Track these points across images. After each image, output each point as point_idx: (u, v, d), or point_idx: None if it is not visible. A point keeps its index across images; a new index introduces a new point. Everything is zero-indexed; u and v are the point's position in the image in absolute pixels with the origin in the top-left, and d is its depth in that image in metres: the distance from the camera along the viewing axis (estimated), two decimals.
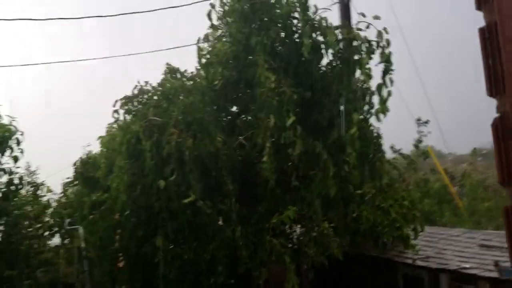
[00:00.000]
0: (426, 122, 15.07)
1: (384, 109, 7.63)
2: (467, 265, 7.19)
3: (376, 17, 8.01)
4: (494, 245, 7.97)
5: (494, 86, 0.81)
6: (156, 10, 12.33)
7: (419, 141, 14.92)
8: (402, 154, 14.55)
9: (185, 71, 8.85)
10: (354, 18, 11.31)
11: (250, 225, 7.03)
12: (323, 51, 8.00)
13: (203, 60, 8.46)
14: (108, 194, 7.81)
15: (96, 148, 9.99)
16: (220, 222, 7.18)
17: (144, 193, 7.23)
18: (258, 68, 7.35)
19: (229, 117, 8.14)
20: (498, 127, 0.76)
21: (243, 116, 7.95)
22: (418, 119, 15.24)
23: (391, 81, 7.77)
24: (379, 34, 7.88)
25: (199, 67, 8.54)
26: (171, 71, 8.73)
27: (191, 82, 8.53)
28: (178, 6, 12.70)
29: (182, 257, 7.05)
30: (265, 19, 8.13)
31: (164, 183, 6.96)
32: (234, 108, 8.28)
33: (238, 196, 7.00)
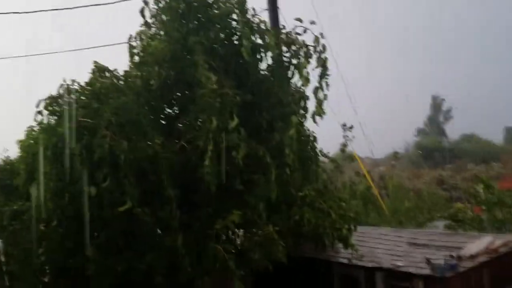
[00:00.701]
0: (351, 127, 15.74)
1: (320, 112, 7.79)
2: (400, 263, 7.51)
3: (312, 22, 8.18)
4: (422, 243, 8.44)
5: None
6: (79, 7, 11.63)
7: (345, 145, 15.54)
8: (330, 158, 15.07)
9: (115, 70, 8.31)
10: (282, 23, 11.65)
11: (192, 232, 6.73)
12: (262, 53, 8.01)
13: (136, 59, 8.06)
14: (29, 202, 7.05)
15: (14, 153, 9.04)
16: (159, 231, 6.78)
17: (73, 201, 6.63)
18: (198, 68, 7.11)
19: (167, 119, 7.77)
20: None
21: (182, 118, 7.63)
22: (344, 125, 15.87)
23: (327, 85, 7.97)
24: (316, 39, 8.05)
25: (131, 66, 8.09)
26: (100, 69, 8.14)
27: (123, 82, 8.01)
28: (103, 4, 12.08)
29: (115, 268, 6.54)
30: (203, 19, 7.94)
31: (96, 189, 6.43)
32: (172, 110, 7.93)
33: (179, 202, 6.66)
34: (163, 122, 7.78)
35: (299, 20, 8.21)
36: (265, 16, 11.78)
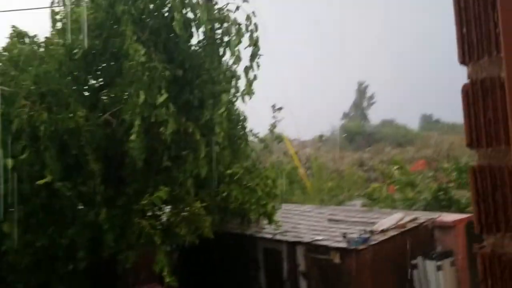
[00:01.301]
0: (280, 108, 16.14)
1: (250, 92, 7.87)
2: (320, 237, 7.96)
3: (245, 0, 8.17)
4: (341, 219, 8.98)
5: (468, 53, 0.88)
6: None
7: (274, 126, 15.92)
8: (259, 138, 15.38)
9: (35, 36, 7.81)
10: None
11: (117, 207, 6.60)
12: (194, 29, 7.90)
13: (59, 25, 7.62)
14: None
15: None
16: (82, 205, 6.58)
17: None
18: (126, 39, 6.88)
19: (91, 91, 7.46)
20: (469, 92, 0.86)
21: (107, 90, 7.36)
22: (273, 105, 16.22)
23: (258, 65, 8.04)
24: (248, 17, 8.06)
25: (53, 33, 7.64)
26: (18, 35, 7.61)
27: (44, 49, 7.55)
28: None
29: (35, 243, 6.28)
30: None
31: (13, 162, 6.08)
32: (97, 81, 7.62)
33: (103, 176, 6.49)
34: (87, 93, 7.47)
35: None
36: None
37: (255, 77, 7.76)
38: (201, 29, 7.77)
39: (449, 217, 8.30)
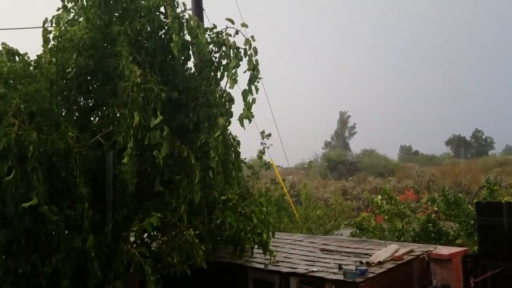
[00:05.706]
0: (269, 135, 16.04)
1: (249, 115, 7.69)
2: (315, 269, 7.70)
3: (244, 25, 8.13)
4: (334, 249, 8.76)
5: None
6: None
7: (262, 152, 15.78)
8: (247, 163, 15.20)
9: (26, 54, 7.58)
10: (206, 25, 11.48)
11: (104, 234, 6.27)
12: (191, 51, 7.80)
13: (51, 44, 7.42)
14: None
15: None
16: (66, 231, 6.23)
17: None
18: (122, 59, 6.72)
19: (83, 111, 7.21)
20: None
21: (99, 111, 7.12)
22: (263, 132, 16.12)
23: (257, 89, 7.88)
24: (247, 41, 7.98)
25: (45, 51, 7.43)
26: (8, 52, 7.38)
27: (34, 68, 7.33)
28: None
29: (16, 270, 5.88)
30: (128, 8, 7.53)
31: None
32: (89, 102, 7.38)
33: (92, 200, 6.18)
34: (78, 114, 7.21)
35: (231, 21, 8.07)
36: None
37: (253, 101, 7.59)
38: (199, 52, 7.67)
39: (444, 249, 8.14)
